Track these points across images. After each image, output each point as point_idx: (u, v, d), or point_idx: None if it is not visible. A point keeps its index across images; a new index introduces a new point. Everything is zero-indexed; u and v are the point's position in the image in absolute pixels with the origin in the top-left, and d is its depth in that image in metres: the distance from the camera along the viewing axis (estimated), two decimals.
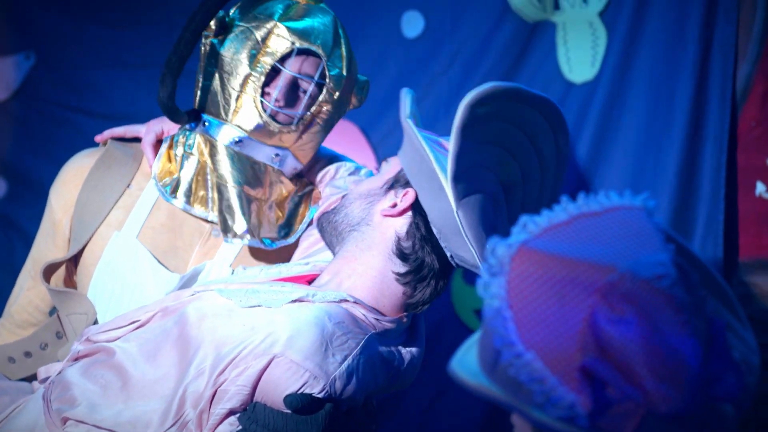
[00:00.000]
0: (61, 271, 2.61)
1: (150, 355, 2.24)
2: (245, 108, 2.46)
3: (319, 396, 2.13)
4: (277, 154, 2.51)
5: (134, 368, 2.23)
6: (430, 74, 3.22)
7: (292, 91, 2.47)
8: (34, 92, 3.56)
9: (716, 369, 1.51)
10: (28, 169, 3.48)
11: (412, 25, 3.25)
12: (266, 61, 2.44)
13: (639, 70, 3.07)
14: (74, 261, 2.60)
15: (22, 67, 3.57)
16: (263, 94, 2.46)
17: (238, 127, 2.48)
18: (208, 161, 2.51)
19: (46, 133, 2.83)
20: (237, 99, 2.46)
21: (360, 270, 2.30)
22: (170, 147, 2.58)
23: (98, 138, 2.66)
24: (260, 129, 2.48)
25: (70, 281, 2.63)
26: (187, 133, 2.55)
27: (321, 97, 2.47)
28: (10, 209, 3.50)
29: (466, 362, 1.60)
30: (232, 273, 2.50)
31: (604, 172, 3.11)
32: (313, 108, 2.48)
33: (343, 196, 2.41)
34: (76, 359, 2.34)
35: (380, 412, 2.49)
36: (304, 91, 2.47)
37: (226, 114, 2.48)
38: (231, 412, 2.16)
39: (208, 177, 2.52)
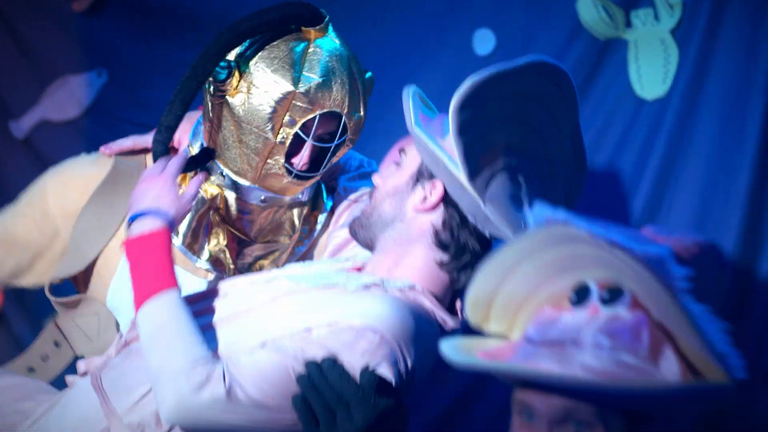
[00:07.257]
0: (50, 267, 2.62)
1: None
2: (271, 173, 2.45)
3: (392, 380, 2.13)
4: (302, 192, 2.54)
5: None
6: None
7: (317, 153, 2.47)
8: (106, 109, 3.60)
9: None
10: None
11: (484, 42, 3.26)
12: (289, 131, 2.39)
13: (711, 87, 3.06)
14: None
15: (94, 85, 3.61)
16: (288, 160, 2.45)
17: (264, 188, 2.48)
18: (227, 213, 2.52)
19: None
20: (262, 165, 2.44)
21: (405, 261, 2.31)
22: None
23: (105, 150, 2.63)
24: (286, 188, 2.49)
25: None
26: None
27: (343, 145, 2.48)
28: None
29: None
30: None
31: (675, 189, 3.10)
32: (337, 154, 2.49)
33: (370, 196, 2.41)
34: (125, 345, 2.34)
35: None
36: (328, 148, 2.46)
37: (250, 177, 2.46)
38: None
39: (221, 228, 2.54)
